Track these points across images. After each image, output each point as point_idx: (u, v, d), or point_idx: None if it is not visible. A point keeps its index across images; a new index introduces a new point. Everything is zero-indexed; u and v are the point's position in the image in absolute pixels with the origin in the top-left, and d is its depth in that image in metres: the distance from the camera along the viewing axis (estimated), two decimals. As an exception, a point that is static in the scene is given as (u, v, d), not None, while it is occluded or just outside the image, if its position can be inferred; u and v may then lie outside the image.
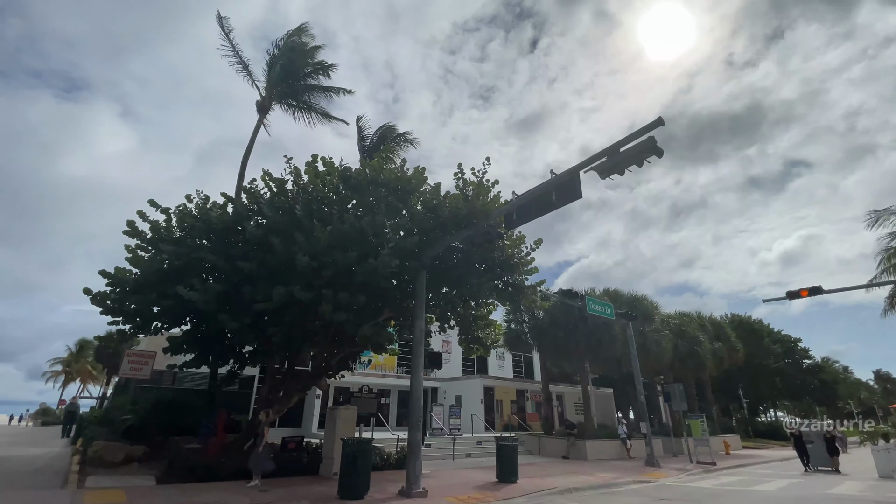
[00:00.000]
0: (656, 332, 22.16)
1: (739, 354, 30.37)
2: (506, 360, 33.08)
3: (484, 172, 10.61)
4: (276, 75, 18.08)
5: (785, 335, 47.50)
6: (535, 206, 8.67)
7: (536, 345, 21.98)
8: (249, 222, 9.51)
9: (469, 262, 11.17)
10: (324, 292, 8.51)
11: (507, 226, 9.29)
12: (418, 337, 10.14)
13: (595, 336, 19.39)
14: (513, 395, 26.82)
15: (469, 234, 9.86)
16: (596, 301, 16.15)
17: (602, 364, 24.69)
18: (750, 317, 43.30)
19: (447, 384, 26.03)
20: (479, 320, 15.19)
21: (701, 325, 28.01)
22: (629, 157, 7.34)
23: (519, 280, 12.09)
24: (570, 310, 20.37)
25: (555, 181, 8.19)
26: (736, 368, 34.60)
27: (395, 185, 9.79)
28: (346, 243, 8.91)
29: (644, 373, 24.19)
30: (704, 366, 25.06)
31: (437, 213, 9.65)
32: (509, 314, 23.97)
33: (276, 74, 18.06)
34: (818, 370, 47.83)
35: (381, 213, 8.95)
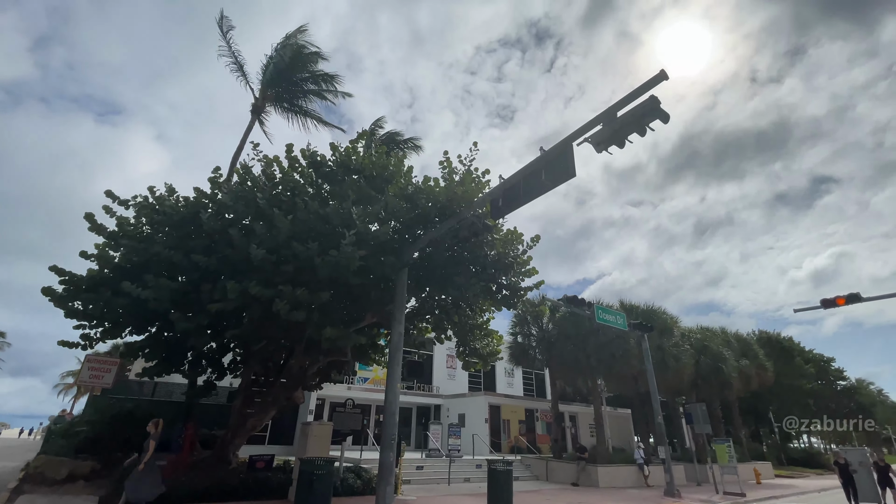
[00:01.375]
0: (676, 347, 20.41)
1: (769, 374, 28.08)
2: (515, 377, 31.39)
3: (472, 160, 9.54)
4: (270, 77, 17.55)
5: (817, 354, 44.46)
6: (524, 189, 7.50)
7: (544, 359, 20.45)
8: (207, 212, 8.60)
9: (456, 260, 10.02)
10: (281, 288, 7.47)
11: (494, 215, 8.12)
12: (395, 343, 8.96)
13: (607, 350, 17.82)
14: (521, 414, 25.13)
15: (453, 227, 8.72)
16: (606, 310, 14.71)
17: (617, 381, 22.92)
18: (779, 334, 40.60)
19: (451, 401, 24.54)
20: (477, 329, 13.95)
21: (726, 341, 25.99)
22: (629, 123, 6.16)
23: (513, 282, 10.86)
24: (580, 321, 18.89)
25: (544, 158, 7.04)
26: (765, 389, 32.10)
27: (370, 173, 8.78)
28: (309, 234, 7.90)
29: (663, 391, 22.32)
30: (730, 385, 23.02)
31: (414, 202, 8.58)
32: (515, 326, 22.54)
33: (270, 76, 17.53)
34: (853, 392, 44.50)
35: (348, 199, 7.93)
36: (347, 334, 8.36)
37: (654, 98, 5.86)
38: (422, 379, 25.91)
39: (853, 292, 13.30)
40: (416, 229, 9.70)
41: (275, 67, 17.37)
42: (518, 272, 11.02)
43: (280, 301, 7.36)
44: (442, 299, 12.66)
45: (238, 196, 8.74)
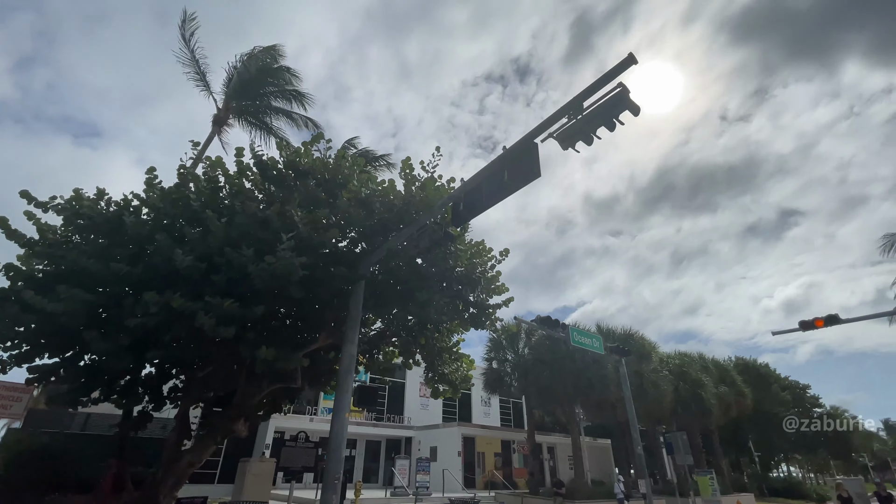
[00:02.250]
0: (654, 373, 19.76)
1: (748, 401, 27.65)
2: (492, 406, 30.12)
3: (435, 165, 8.88)
4: (235, 88, 16.83)
5: (793, 381, 44.47)
6: (486, 191, 6.82)
7: (520, 386, 19.47)
8: (131, 215, 7.60)
9: (418, 274, 9.19)
10: (208, 300, 6.47)
11: (455, 221, 7.41)
12: (345, 367, 7.96)
13: (584, 376, 17.02)
14: (497, 446, 23.83)
15: (412, 236, 7.95)
16: (581, 332, 13.99)
17: (595, 410, 22.01)
18: (756, 360, 40.56)
19: (423, 433, 23.10)
20: (446, 353, 12.98)
21: (704, 368, 25.55)
22: (596, 115, 5.59)
23: (481, 299, 10.06)
24: (556, 346, 18.11)
25: (506, 156, 6.41)
26: (744, 417, 31.61)
27: (322, 175, 7.99)
28: (247, 240, 6.98)
29: (642, 420, 21.49)
30: (710, 413, 22.38)
31: (369, 207, 7.79)
32: (490, 352, 21.60)
33: (235, 87, 16.81)
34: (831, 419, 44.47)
35: (293, 201, 7.09)
36: (288, 356, 7.34)
37: (622, 86, 5.31)
38: (393, 409, 24.49)
39: (831, 314, 12.95)
40: (376, 240, 8.88)
41: (239, 78, 16.69)
42: (487, 288, 10.25)
43: (204, 315, 6.35)
44: (408, 320, 11.76)
45: (169, 197, 7.79)
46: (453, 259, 9.05)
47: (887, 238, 15.18)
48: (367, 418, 22.82)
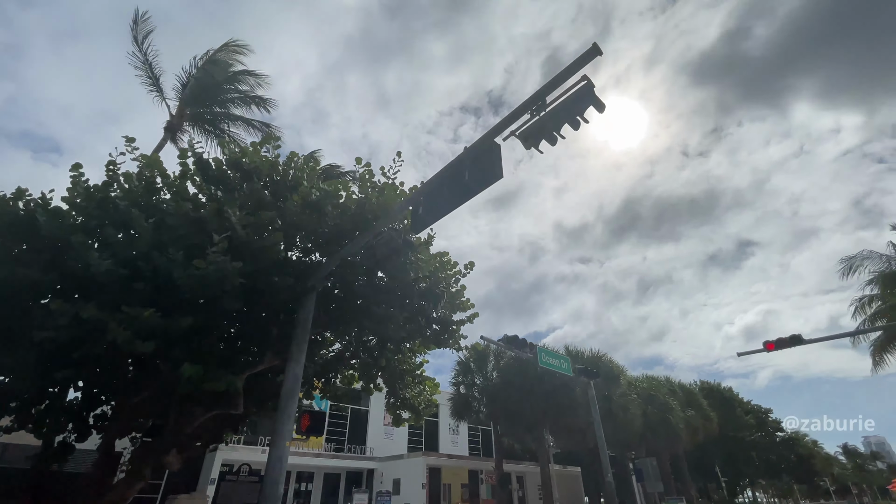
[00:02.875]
0: (623, 397, 19.43)
1: (714, 425, 27.70)
2: (460, 434, 28.99)
3: (396, 171, 8.40)
4: (190, 94, 16.04)
5: (755, 406, 45.36)
6: (448, 194, 6.35)
7: (488, 411, 18.69)
8: (46, 216, 6.69)
9: (376, 288, 8.54)
10: (126, 310, 5.62)
11: (415, 227, 6.88)
12: (288, 389, 7.13)
13: (553, 399, 16.47)
14: (464, 476, 22.71)
15: (368, 243, 7.35)
16: (549, 353, 13.52)
17: (565, 435, 21.39)
18: (720, 384, 41.17)
19: (386, 465, 21.76)
20: (408, 375, 12.22)
21: (671, 391, 25.50)
22: (560, 112, 5.26)
23: (444, 315, 9.46)
24: (525, 368, 17.57)
25: (467, 155, 5.99)
26: (710, 442, 31.67)
27: (269, 176, 7.34)
28: (177, 243, 6.21)
29: (612, 445, 21.00)
30: (678, 437, 22.16)
31: (320, 211, 7.16)
32: (458, 376, 20.83)
33: (190, 93, 16.02)
34: (793, 443, 45.35)
35: (232, 202, 6.40)
36: (219, 376, 6.48)
37: (587, 80, 5.01)
38: (355, 439, 23.09)
39: (795, 334, 13.02)
40: (331, 249, 8.22)
41: (196, 83, 15.93)
42: (451, 304, 9.68)
43: (118, 327, 5.48)
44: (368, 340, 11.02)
45: (94, 197, 6.92)
46: (414, 271, 8.46)
47: (845, 261, 15.64)
48: (326, 449, 21.35)
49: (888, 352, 15.03)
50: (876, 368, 15.40)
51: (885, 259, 14.91)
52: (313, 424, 7.25)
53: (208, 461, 17.70)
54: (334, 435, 22.32)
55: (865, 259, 15.28)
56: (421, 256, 8.33)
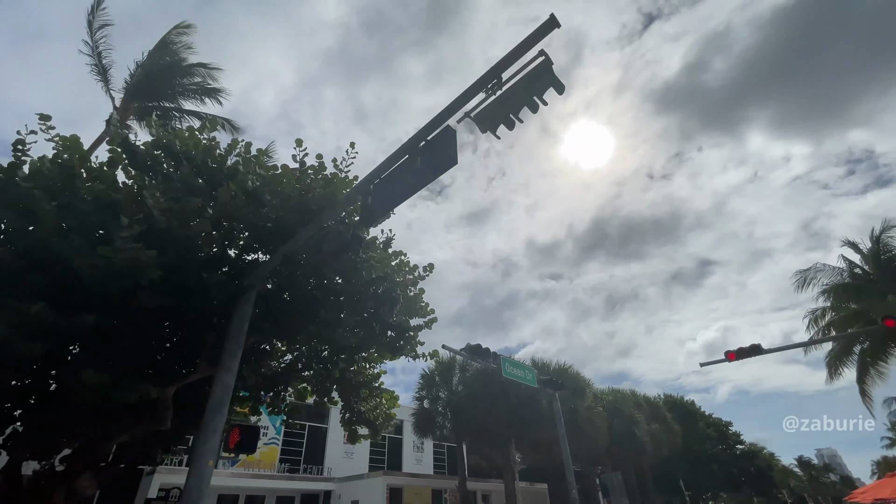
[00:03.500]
0: (589, 410, 19.13)
1: (678, 438, 27.85)
2: (425, 452, 27.94)
3: (350, 164, 7.82)
4: (136, 87, 15.04)
5: (717, 419, 46.25)
6: (399, 181, 5.84)
7: (452, 426, 17.96)
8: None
9: (324, 288, 7.86)
10: (10, 303, 4.75)
11: (364, 220, 6.31)
12: (216, 401, 6.30)
13: (518, 413, 15.95)
14: (428, 496, 21.72)
15: (314, 238, 6.70)
16: (514, 363, 13.05)
17: (531, 451, 20.85)
18: (683, 398, 41.78)
19: (344, 486, 20.54)
20: (364, 388, 11.45)
21: (636, 404, 25.47)
22: (518, 91, 4.88)
23: (400, 320, 8.84)
24: (489, 380, 17.03)
25: (418, 138, 5.50)
26: (675, 456, 31.86)
27: (202, 161, 6.62)
28: (84, 228, 5.39)
29: (578, 460, 20.61)
30: (644, 450, 22.01)
31: (258, 200, 6.49)
32: (422, 389, 20.06)
33: (136, 86, 15.03)
34: (752, 456, 46.35)
35: (155, 186, 5.66)
36: (132, 384, 5.63)
37: (545, 55, 4.65)
38: (312, 459, 21.77)
39: (754, 343, 13.07)
40: (273, 245, 7.52)
41: (143, 73, 14.96)
42: (408, 308, 9.07)
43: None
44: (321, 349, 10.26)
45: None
46: (367, 271, 7.84)
47: (799, 275, 16.03)
48: (279, 470, 19.97)
49: (843, 362, 15.39)
50: (831, 378, 15.73)
51: (837, 272, 15.38)
52: (244, 440, 6.43)
53: (144, 485, 16.17)
54: (289, 455, 20.96)
55: (818, 272, 15.72)
56: (373, 255, 7.74)
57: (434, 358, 9.78)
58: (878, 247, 14.29)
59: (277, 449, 20.52)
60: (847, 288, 14.77)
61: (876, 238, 14.30)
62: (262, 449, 19.93)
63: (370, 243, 7.86)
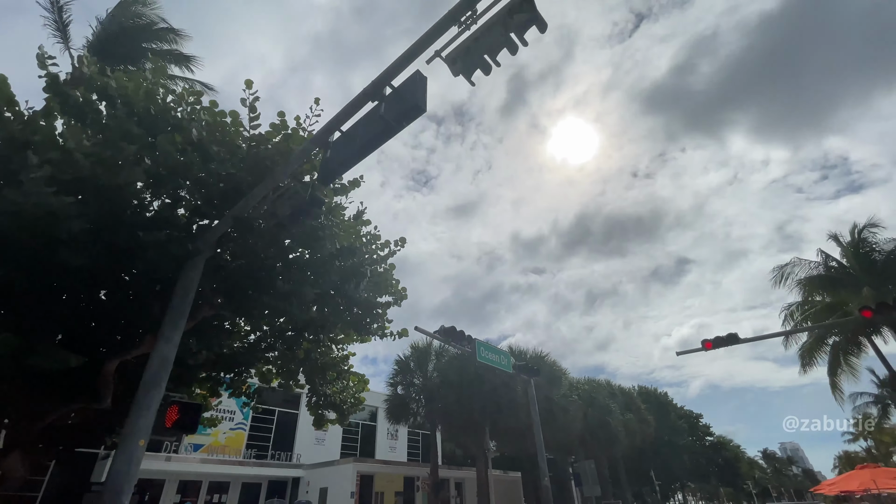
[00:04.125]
0: (564, 398, 18.95)
1: (651, 428, 28.11)
2: (399, 440, 27.58)
3: (314, 123, 7.15)
4: (97, 46, 13.89)
5: (688, 411, 47.26)
6: (361, 133, 5.23)
7: (424, 411, 17.55)
8: None
9: (281, 256, 7.22)
10: None
11: (323, 178, 5.69)
12: (151, 375, 5.63)
13: (493, 399, 15.61)
14: (399, 484, 21.34)
15: (268, 198, 6.04)
16: (489, 347, 12.64)
17: (506, 439, 20.63)
18: (656, 389, 42.42)
19: (313, 473, 19.99)
20: (330, 369, 10.87)
21: (611, 394, 25.53)
22: (494, 28, 4.32)
23: (367, 297, 8.26)
24: (464, 366, 16.62)
25: (383, 81, 4.89)
26: (647, 446, 32.29)
27: (143, 107, 5.87)
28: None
29: (552, 448, 20.49)
30: (617, 440, 22.05)
31: (205, 153, 5.79)
32: (397, 375, 19.55)
33: (97, 44, 13.88)
34: (721, 447, 47.57)
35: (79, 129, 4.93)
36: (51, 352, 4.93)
37: (526, -14, 4.08)
38: (281, 445, 21.13)
39: (732, 332, 12.94)
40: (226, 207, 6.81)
41: (107, 34, 13.82)
42: (377, 285, 8.49)
43: None
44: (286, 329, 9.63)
45: None
46: (331, 241, 7.22)
47: (776, 270, 16.02)
48: (246, 456, 19.29)
49: (817, 353, 15.48)
50: (804, 370, 15.85)
51: (814, 266, 15.39)
52: (184, 419, 5.79)
53: (99, 469, 15.33)
54: (257, 440, 20.27)
55: (795, 266, 15.74)
56: (337, 222, 7.11)
57: (403, 336, 9.25)
58: (857, 240, 14.33)
59: (244, 434, 19.82)
60: (823, 280, 14.81)
61: (858, 231, 14.33)
62: (227, 434, 19.22)
63: (335, 210, 7.24)
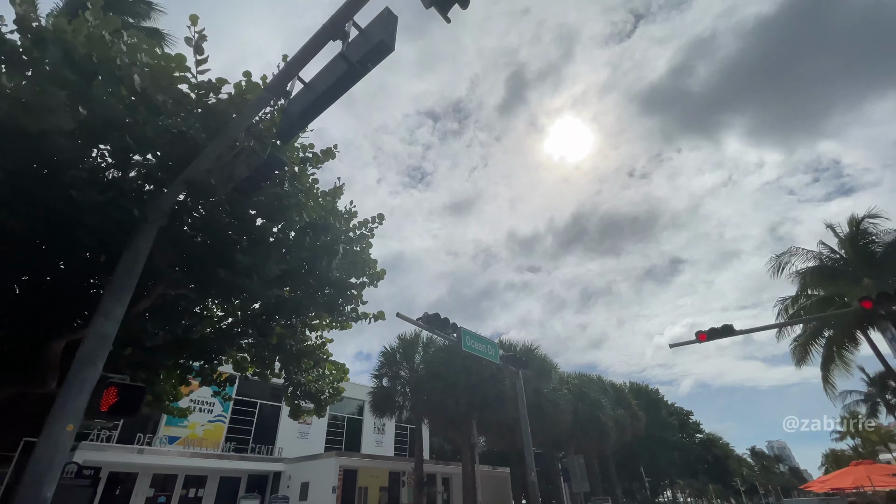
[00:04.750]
0: (554, 392, 18.48)
1: (641, 424, 27.77)
2: (386, 434, 27.02)
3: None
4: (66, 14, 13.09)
5: (678, 407, 47.16)
6: (324, 77, 4.61)
7: (408, 402, 17.00)
8: None
9: (242, 227, 6.59)
10: None
11: (284, 133, 5.07)
12: (85, 352, 4.97)
13: (480, 391, 15.08)
14: (384, 479, 20.79)
15: (223, 158, 5.40)
16: (475, 336, 12.09)
17: (494, 433, 20.13)
18: (647, 385, 42.23)
19: (295, 467, 19.39)
20: (305, 357, 10.26)
21: (602, 389, 25.12)
22: (472, -53, 3.71)
23: (338, 277, 7.65)
24: (451, 358, 16.08)
25: (346, 14, 4.27)
26: (637, 442, 32.03)
27: (86, 55, 5.20)
28: None
29: (540, 443, 20.04)
30: (608, 435, 21.64)
31: (149, 102, 5.13)
32: (382, 367, 18.97)
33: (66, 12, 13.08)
34: (710, 445, 47.57)
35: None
36: None
37: None
38: (263, 438, 20.48)
39: (727, 324, 12.50)
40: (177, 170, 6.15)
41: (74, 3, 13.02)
42: (350, 264, 7.89)
43: None
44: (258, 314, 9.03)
45: None
46: (298, 212, 6.60)
47: (773, 260, 15.60)
48: (225, 449, 18.63)
49: (812, 346, 15.10)
50: (798, 366, 15.48)
51: (812, 255, 14.97)
52: (124, 402, 5.17)
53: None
54: (237, 433, 19.62)
55: (793, 256, 15.31)
56: (301, 187, 6.49)
57: (379, 319, 8.66)
58: (856, 231, 13.92)
59: (224, 427, 19.15)
60: (822, 271, 14.40)
61: (857, 223, 13.92)
62: (206, 426, 18.55)
63: (302, 178, 6.60)
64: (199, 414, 18.36)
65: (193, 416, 18.11)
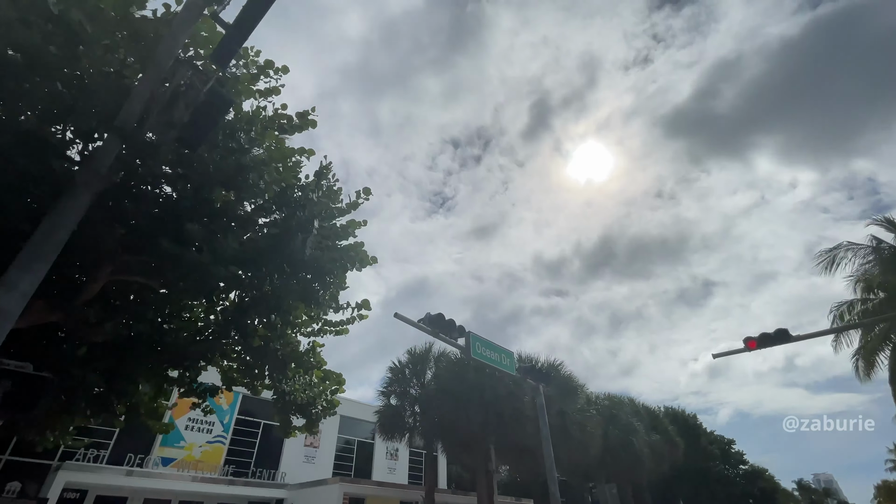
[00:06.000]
0: (581, 413, 16.63)
1: (679, 451, 25.18)
2: (400, 460, 25.27)
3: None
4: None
5: (719, 436, 43.45)
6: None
7: (418, 423, 15.48)
8: None
9: (198, 194, 5.56)
10: None
11: (217, 55, 4.07)
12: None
13: (494, 409, 13.50)
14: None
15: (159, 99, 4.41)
16: (487, 343, 10.67)
17: (514, 458, 18.23)
18: (684, 411, 39.01)
19: (298, 493, 17.93)
20: (294, 361, 9.09)
21: (635, 412, 22.91)
22: None
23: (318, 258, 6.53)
24: (464, 372, 14.62)
25: None
26: (675, 473, 29.12)
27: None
28: None
29: (566, 470, 18.03)
30: (642, 463, 19.40)
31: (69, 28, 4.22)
32: (390, 384, 17.58)
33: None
34: (755, 477, 43.43)
35: None
36: None
37: None
38: (265, 462, 19.17)
39: (781, 329, 10.73)
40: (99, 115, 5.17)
41: None
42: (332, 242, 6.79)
43: None
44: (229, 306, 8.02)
45: None
46: (259, 173, 5.54)
47: (824, 255, 13.75)
48: (223, 473, 17.37)
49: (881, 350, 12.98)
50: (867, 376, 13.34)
51: (869, 251, 13.06)
52: (17, 397, 4.09)
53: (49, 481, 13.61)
54: (238, 456, 18.37)
55: (848, 251, 13.43)
56: (256, 137, 5.44)
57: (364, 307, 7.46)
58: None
59: (223, 448, 17.95)
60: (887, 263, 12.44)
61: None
62: (204, 448, 17.39)
63: (254, 118, 5.57)
64: (198, 434, 17.26)
65: (191, 437, 17.04)
